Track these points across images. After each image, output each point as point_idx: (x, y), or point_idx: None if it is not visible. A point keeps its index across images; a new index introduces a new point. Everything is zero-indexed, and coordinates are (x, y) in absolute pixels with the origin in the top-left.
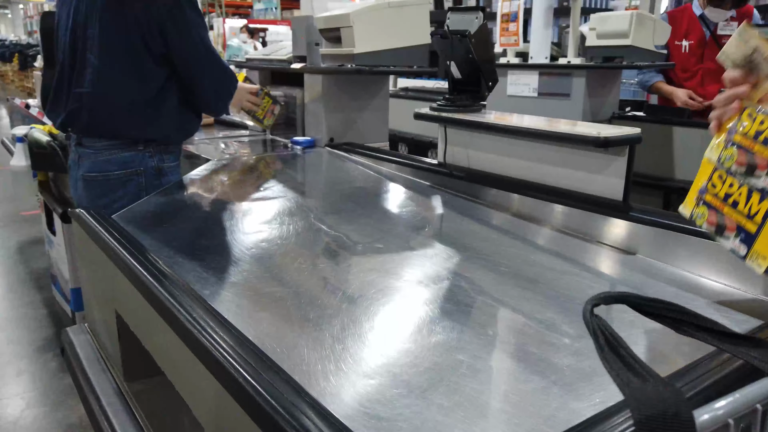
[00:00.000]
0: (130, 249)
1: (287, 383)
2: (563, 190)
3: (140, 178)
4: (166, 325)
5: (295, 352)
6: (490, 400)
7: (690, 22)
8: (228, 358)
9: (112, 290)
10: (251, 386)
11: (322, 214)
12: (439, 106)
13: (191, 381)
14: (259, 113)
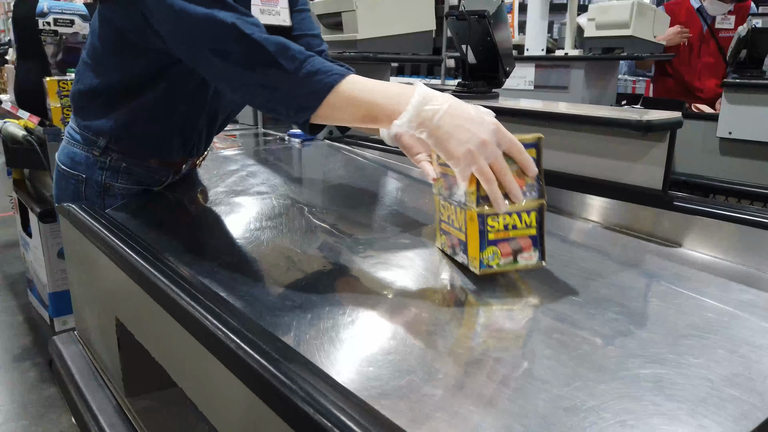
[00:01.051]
0: (135, 247)
1: (333, 388)
2: (596, 180)
3: (81, 186)
4: (185, 332)
5: (324, 354)
6: (560, 413)
7: (688, 15)
8: (264, 362)
9: (111, 294)
10: (293, 391)
11: (326, 210)
12: (453, 93)
13: (216, 393)
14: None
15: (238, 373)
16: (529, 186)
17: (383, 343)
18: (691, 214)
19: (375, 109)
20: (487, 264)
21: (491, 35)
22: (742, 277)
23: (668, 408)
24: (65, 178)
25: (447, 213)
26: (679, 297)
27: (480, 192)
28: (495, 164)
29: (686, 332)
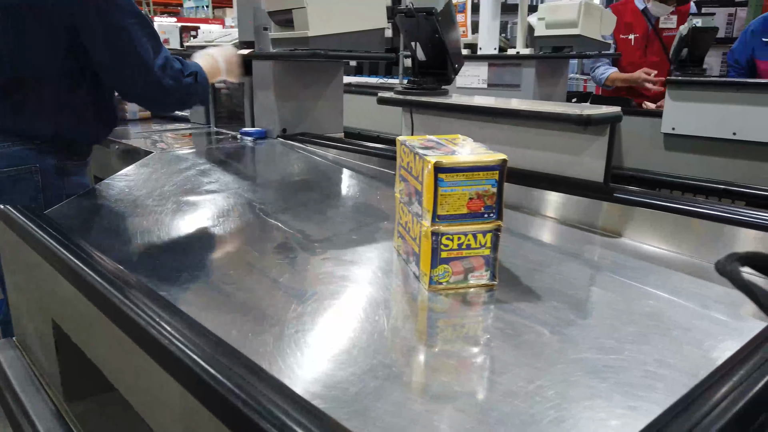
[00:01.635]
0: (72, 248)
1: (275, 388)
2: (541, 173)
3: (36, 177)
4: (121, 333)
5: (267, 356)
6: (498, 397)
7: (633, 15)
8: (203, 363)
9: (48, 298)
10: (236, 395)
11: (279, 209)
12: (404, 89)
13: (154, 396)
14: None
15: (173, 372)
16: (487, 207)
17: (330, 338)
18: (631, 205)
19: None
20: (437, 281)
21: (440, 32)
22: (679, 265)
23: (603, 391)
24: (11, 180)
25: (405, 219)
26: (619, 285)
27: (437, 210)
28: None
29: (625, 319)
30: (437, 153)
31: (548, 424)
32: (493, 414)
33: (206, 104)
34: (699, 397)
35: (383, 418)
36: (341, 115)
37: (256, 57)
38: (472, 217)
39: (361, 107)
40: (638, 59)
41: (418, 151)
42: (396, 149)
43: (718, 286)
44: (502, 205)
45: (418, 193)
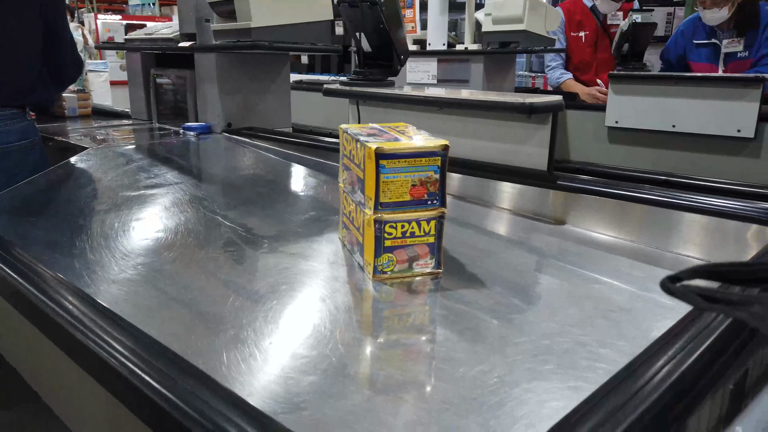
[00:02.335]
0: None
1: (211, 390)
2: (487, 163)
3: (35, 151)
4: (40, 334)
5: (206, 352)
6: (442, 384)
7: (583, 13)
8: (131, 365)
9: None
10: (165, 398)
11: (224, 204)
12: (350, 80)
13: (77, 402)
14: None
15: (97, 376)
16: (431, 194)
17: (272, 333)
18: (574, 193)
19: None
20: (382, 270)
21: (384, 23)
22: (621, 250)
23: (545, 373)
24: (23, 153)
25: (349, 209)
26: (562, 271)
27: (380, 198)
28: None
29: (568, 303)
30: (379, 140)
31: (490, 408)
32: (437, 402)
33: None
34: (633, 373)
35: (325, 411)
36: (289, 109)
37: (197, 49)
38: (416, 204)
39: (313, 104)
40: (589, 56)
41: (360, 138)
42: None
43: (658, 268)
44: (445, 192)
45: (360, 181)
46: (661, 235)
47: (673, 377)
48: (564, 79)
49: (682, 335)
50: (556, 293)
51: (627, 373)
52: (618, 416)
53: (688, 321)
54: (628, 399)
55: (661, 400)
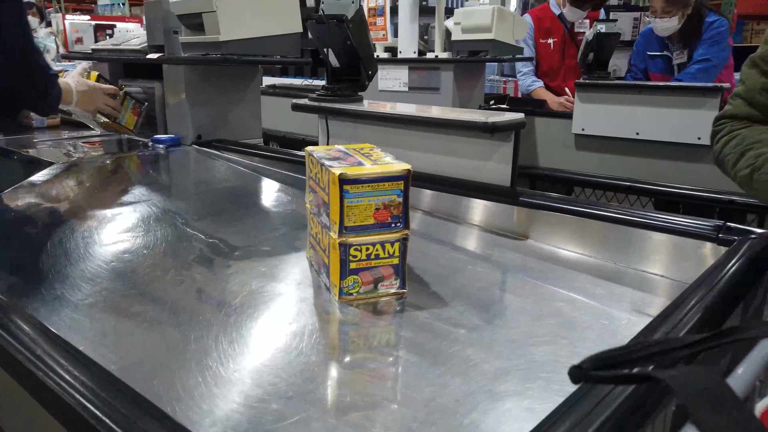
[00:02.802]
0: None
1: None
2: (452, 179)
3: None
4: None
5: (170, 380)
6: (408, 408)
7: (551, 21)
8: (83, 400)
9: None
10: None
11: (193, 219)
12: (318, 96)
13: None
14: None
15: (52, 409)
16: (394, 217)
17: (237, 356)
18: (536, 209)
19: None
20: (347, 292)
21: (351, 39)
22: (582, 266)
23: (501, 393)
24: None
25: (315, 230)
26: (524, 287)
27: (344, 222)
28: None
29: (529, 321)
30: (343, 164)
31: (452, 429)
32: (396, 424)
33: (50, 112)
34: (587, 394)
35: None
36: (259, 121)
37: (167, 61)
38: (380, 227)
39: (286, 110)
40: (557, 63)
41: (324, 162)
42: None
43: (617, 285)
44: (408, 214)
45: (326, 205)
46: (621, 251)
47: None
48: (535, 87)
49: None
50: (518, 311)
51: (580, 395)
52: None
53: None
54: (580, 420)
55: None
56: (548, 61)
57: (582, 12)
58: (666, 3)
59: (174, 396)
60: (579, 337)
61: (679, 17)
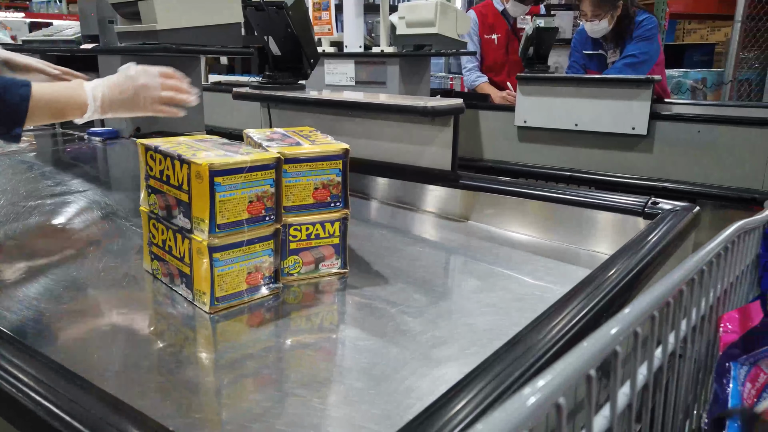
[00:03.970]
0: None
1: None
2: (394, 164)
3: None
4: None
5: (114, 369)
6: (348, 379)
7: (495, 17)
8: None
9: None
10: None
11: (132, 213)
12: (260, 84)
13: None
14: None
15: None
16: (334, 197)
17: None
18: (476, 191)
19: (65, 107)
20: (288, 272)
21: (292, 27)
22: (518, 243)
23: (437, 359)
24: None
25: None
26: (463, 264)
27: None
28: (166, 84)
29: (465, 295)
30: (282, 144)
31: (388, 396)
32: (335, 395)
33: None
34: (507, 352)
35: (235, 411)
36: (202, 113)
37: (102, 51)
38: (319, 206)
39: (232, 106)
40: (501, 58)
41: (262, 143)
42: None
43: (550, 260)
44: (347, 194)
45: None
46: (555, 228)
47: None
48: (479, 82)
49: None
50: (456, 287)
51: (502, 351)
52: (487, 388)
53: (564, 301)
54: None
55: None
56: (492, 57)
57: (525, 7)
58: (594, 7)
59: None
60: (514, 307)
61: (609, 19)
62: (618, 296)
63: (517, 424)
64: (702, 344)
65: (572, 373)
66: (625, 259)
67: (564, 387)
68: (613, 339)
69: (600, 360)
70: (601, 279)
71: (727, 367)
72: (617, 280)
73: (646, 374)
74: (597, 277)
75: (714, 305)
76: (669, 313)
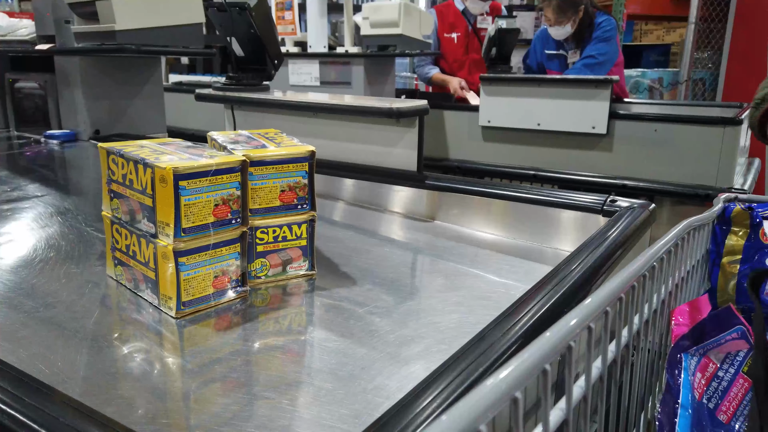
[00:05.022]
0: None
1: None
2: (360, 165)
3: None
4: None
5: (80, 377)
6: (317, 380)
7: (455, 16)
8: None
9: None
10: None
11: (93, 218)
12: (223, 85)
13: None
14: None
15: None
16: (300, 199)
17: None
18: (441, 191)
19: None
20: (255, 275)
21: (255, 28)
22: (483, 242)
23: (405, 358)
24: None
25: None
26: (429, 264)
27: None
28: None
29: (432, 294)
30: (246, 147)
31: (358, 396)
32: (304, 395)
33: None
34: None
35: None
36: (163, 114)
37: (58, 52)
38: (286, 209)
39: (193, 107)
40: (462, 56)
41: (227, 146)
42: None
43: (515, 258)
44: (314, 196)
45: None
46: (519, 227)
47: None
48: (432, 73)
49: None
50: (423, 286)
51: (468, 347)
52: (451, 386)
53: (522, 301)
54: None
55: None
56: (453, 55)
57: (483, 3)
58: (557, 15)
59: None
60: (480, 305)
61: (572, 23)
62: (578, 291)
63: (478, 414)
64: (655, 337)
65: (529, 368)
66: (585, 255)
67: (520, 381)
68: (567, 334)
69: (555, 355)
70: (561, 276)
71: (678, 359)
72: (577, 276)
73: (601, 367)
74: (558, 274)
75: (666, 299)
76: (622, 309)
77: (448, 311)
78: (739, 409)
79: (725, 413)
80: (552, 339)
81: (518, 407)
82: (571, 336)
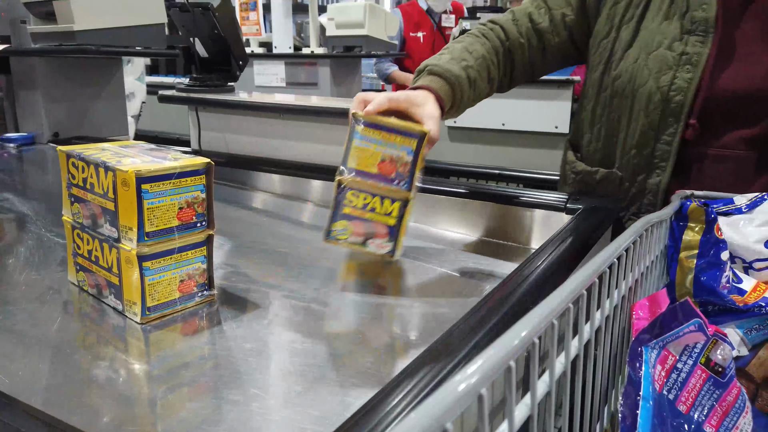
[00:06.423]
0: None
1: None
2: (328, 166)
3: None
4: None
5: (42, 386)
6: (287, 382)
7: (419, 15)
8: None
9: None
10: None
11: (53, 222)
12: (187, 87)
13: None
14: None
15: None
16: (399, 174)
17: None
18: None
19: None
20: (335, 236)
21: (219, 28)
22: (451, 241)
23: (374, 358)
24: None
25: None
26: (396, 263)
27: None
28: None
29: (399, 292)
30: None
31: (327, 397)
32: (279, 401)
33: None
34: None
35: None
36: (125, 116)
37: (14, 53)
38: (383, 179)
39: (157, 109)
40: (427, 55)
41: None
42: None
43: (481, 256)
44: (415, 180)
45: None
46: (482, 225)
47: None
48: (391, 70)
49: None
50: (390, 285)
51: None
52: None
53: (483, 302)
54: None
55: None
56: (419, 54)
57: (445, 1)
58: None
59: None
60: (448, 303)
61: None
62: (542, 287)
63: (445, 411)
64: (617, 332)
65: (494, 365)
66: (549, 252)
67: (486, 378)
68: (531, 331)
69: (520, 351)
70: (526, 272)
71: (639, 352)
72: (541, 273)
73: (565, 362)
74: (522, 271)
75: (626, 295)
76: (584, 305)
77: (416, 310)
78: (698, 399)
79: (684, 404)
80: (517, 335)
81: (483, 404)
82: (535, 332)
